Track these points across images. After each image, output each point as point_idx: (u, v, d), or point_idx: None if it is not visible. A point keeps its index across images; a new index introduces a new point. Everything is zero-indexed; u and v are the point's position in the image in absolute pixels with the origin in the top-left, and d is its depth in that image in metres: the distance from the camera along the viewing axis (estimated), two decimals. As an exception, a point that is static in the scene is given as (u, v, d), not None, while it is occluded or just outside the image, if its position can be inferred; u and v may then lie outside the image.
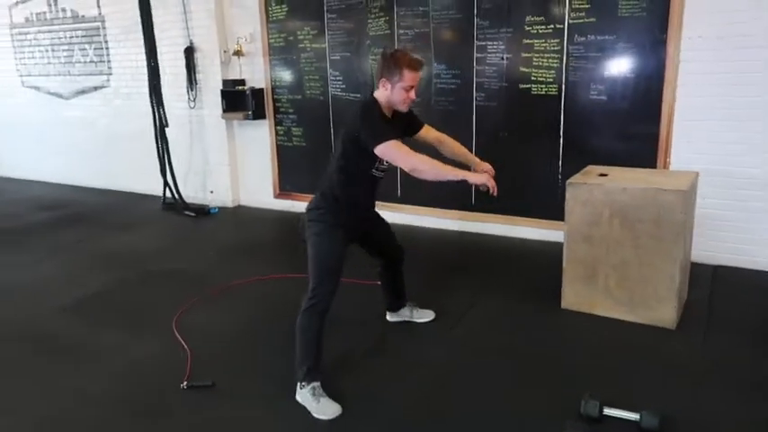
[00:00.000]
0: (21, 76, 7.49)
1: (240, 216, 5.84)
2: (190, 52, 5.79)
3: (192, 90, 5.90)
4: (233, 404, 2.56)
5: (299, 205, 5.58)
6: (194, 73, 5.85)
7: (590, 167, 3.48)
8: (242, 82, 5.63)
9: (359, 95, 5.07)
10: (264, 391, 2.62)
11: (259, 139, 5.78)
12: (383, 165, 2.61)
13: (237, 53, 5.52)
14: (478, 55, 4.48)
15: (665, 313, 3.04)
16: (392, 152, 2.43)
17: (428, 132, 2.88)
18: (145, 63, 5.72)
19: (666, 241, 2.94)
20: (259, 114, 5.58)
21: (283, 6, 5.28)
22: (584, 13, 4.04)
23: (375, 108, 2.55)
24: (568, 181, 3.18)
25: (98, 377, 2.81)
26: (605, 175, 3.27)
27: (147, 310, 3.55)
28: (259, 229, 5.45)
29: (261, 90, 5.57)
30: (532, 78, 4.32)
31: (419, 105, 4.78)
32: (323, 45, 5.18)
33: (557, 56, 4.19)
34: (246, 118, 5.57)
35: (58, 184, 7.46)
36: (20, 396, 2.70)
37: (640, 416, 2.19)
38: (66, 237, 5.18)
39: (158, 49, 5.70)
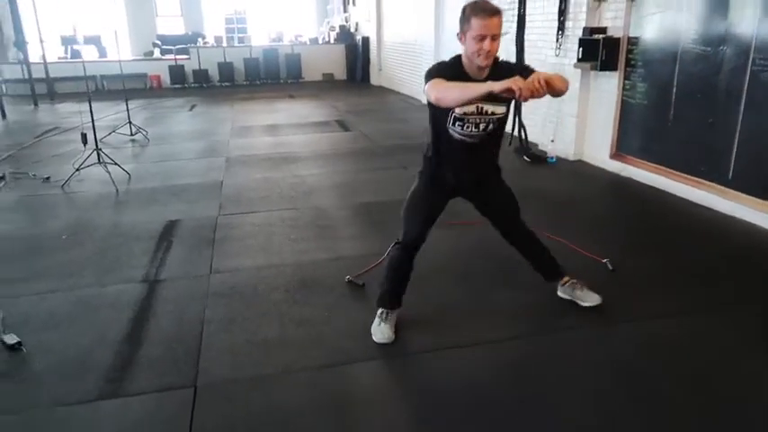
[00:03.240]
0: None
1: (569, 171, 5.63)
2: (564, -1, 5.73)
3: (560, 38, 5.87)
4: (351, 303, 2.99)
5: (630, 171, 5.08)
6: (564, 20, 5.78)
7: None
8: (602, 30, 5.28)
9: (708, 49, 4.13)
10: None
11: (608, 92, 5.37)
12: (461, 123, 2.37)
13: (601, -2, 5.20)
14: None
15: None
16: (427, 89, 2.23)
17: None
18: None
19: None
20: (608, 66, 5.18)
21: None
22: None
23: (450, 62, 2.36)
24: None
25: (313, 251, 3.66)
26: None
27: (392, 225, 4.13)
28: (572, 186, 5.18)
29: (617, 40, 5.11)
30: None
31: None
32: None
33: None
34: (593, 68, 5.26)
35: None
36: (260, 244, 3.77)
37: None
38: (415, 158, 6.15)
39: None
